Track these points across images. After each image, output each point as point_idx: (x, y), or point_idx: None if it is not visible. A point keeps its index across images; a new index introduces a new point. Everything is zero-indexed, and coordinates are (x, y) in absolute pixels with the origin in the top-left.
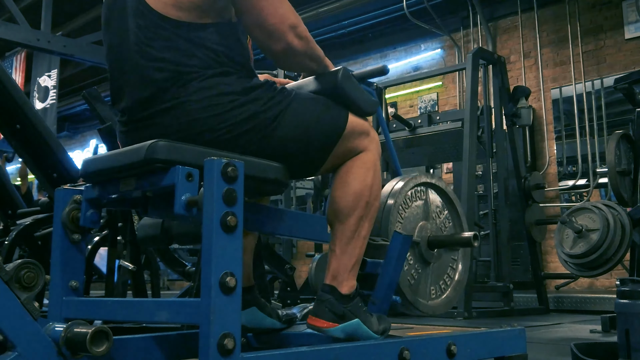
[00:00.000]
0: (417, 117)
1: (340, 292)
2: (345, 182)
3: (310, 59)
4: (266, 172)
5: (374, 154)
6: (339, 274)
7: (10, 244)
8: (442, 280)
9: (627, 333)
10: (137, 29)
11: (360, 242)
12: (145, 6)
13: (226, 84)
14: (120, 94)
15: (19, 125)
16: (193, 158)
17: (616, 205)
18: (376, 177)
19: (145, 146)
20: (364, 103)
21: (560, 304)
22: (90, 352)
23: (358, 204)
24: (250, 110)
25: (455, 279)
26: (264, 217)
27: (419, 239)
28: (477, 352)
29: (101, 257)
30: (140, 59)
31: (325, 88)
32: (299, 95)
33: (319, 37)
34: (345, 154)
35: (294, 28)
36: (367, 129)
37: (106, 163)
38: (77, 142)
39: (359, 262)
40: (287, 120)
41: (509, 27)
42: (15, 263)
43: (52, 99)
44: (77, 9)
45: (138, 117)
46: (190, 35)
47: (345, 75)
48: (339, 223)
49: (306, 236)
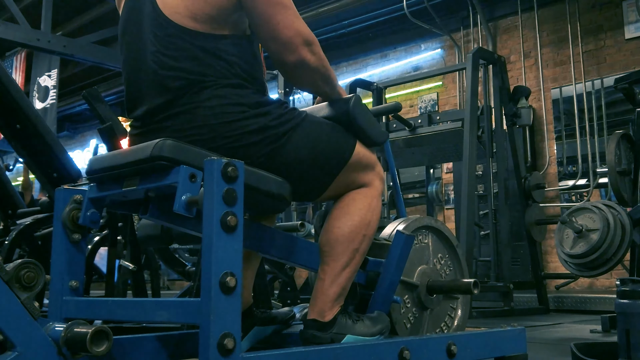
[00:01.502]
0: (417, 117)
1: (324, 322)
2: (345, 213)
3: (321, 78)
4: (270, 185)
5: (377, 190)
6: (324, 305)
7: (10, 244)
8: (439, 329)
9: (627, 333)
10: (155, 39)
11: (350, 274)
12: (163, 17)
13: (239, 95)
14: (136, 102)
15: (19, 125)
16: (198, 160)
17: (616, 205)
18: (375, 213)
19: (152, 144)
20: (374, 132)
21: (560, 304)
22: (90, 352)
23: (355, 237)
24: (260, 123)
25: (454, 325)
26: (266, 239)
27: (418, 282)
28: (477, 352)
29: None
30: (158, 68)
31: (336, 114)
32: (310, 117)
33: (319, 37)
34: (349, 184)
35: (309, 44)
36: (374, 163)
37: (112, 161)
38: (77, 142)
39: (346, 290)
40: (295, 138)
41: (509, 27)
42: (15, 263)
43: (52, 99)
44: (77, 9)
45: (151, 121)
46: (207, 45)
47: (358, 103)
48: (333, 253)
49: (307, 264)
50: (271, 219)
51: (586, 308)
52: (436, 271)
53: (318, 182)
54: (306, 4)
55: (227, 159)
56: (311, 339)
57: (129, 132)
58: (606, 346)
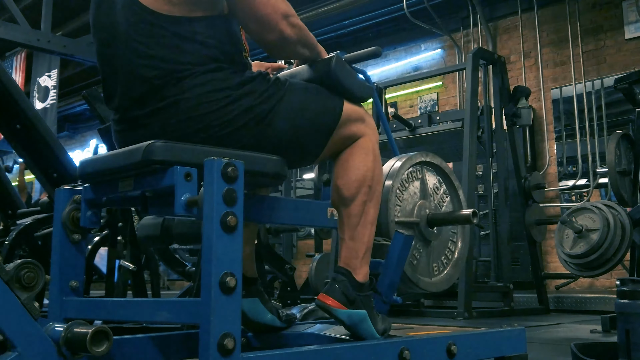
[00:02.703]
0: (417, 117)
1: (355, 278)
2: (346, 169)
3: (303, 46)
4: (265, 166)
5: (372, 139)
6: (350, 260)
7: (10, 244)
8: (444, 256)
9: (627, 333)
10: (127, 25)
11: (368, 228)
12: (135, 1)
13: (219, 79)
14: (112, 92)
15: (19, 125)
16: (191, 157)
17: (616, 205)
18: (376, 160)
19: (142, 147)
20: (359, 89)
21: (560, 304)
22: (90, 352)
23: (361, 189)
24: (245, 104)
25: (456, 255)
26: (264, 208)
27: (418, 218)
28: (477, 352)
29: (101, 257)
30: (132, 56)
31: (319, 76)
32: (293, 85)
33: (319, 37)
34: (343, 141)
35: (287, 17)
36: (363, 115)
37: (104, 164)
38: (77, 142)
39: (369, 249)
40: (282, 112)
41: (509, 27)
42: (15, 263)
43: (52, 99)
44: (77, 9)
45: (132, 116)
46: (181, 29)
47: (339, 62)
48: (345, 209)
49: (306, 223)
50: (266, 189)
51: (586, 308)
52: (434, 203)
53: (312, 147)
54: (306, 4)
55: (227, 159)
56: (340, 285)
57: (113, 127)
58: (606, 346)
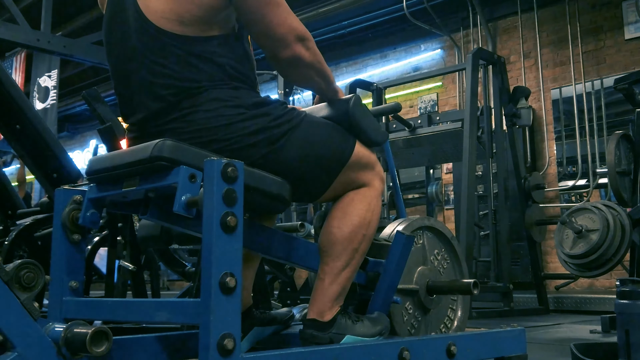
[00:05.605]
0: (417, 118)
1: (322, 322)
2: (344, 213)
3: (317, 73)
4: (270, 185)
5: (377, 190)
6: (324, 308)
7: (10, 244)
8: (443, 324)
9: (627, 333)
10: (142, 46)
11: (350, 274)
12: (148, 23)
13: (235, 97)
14: (130, 109)
15: (19, 125)
16: (198, 160)
17: (616, 205)
18: (375, 213)
19: (152, 144)
20: (374, 133)
21: (560, 304)
22: (90, 352)
23: (355, 237)
24: (259, 124)
25: (455, 324)
26: (261, 239)
27: (417, 286)
28: (477, 353)
29: (101, 257)
30: (148, 75)
31: (336, 114)
32: (309, 117)
33: (319, 37)
34: (349, 183)
35: (303, 40)
36: (373, 163)
37: (112, 161)
38: (77, 142)
39: (346, 290)
40: (294, 139)
41: (509, 27)
42: (15, 263)
43: (52, 99)
44: (77, 9)
45: (148, 131)
46: (196, 49)
47: (357, 103)
48: (333, 253)
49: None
50: (271, 219)
51: (586, 308)
52: (434, 269)
53: (318, 183)
54: (306, 4)
55: (226, 159)
56: (310, 339)
57: (127, 135)
58: (606, 346)
